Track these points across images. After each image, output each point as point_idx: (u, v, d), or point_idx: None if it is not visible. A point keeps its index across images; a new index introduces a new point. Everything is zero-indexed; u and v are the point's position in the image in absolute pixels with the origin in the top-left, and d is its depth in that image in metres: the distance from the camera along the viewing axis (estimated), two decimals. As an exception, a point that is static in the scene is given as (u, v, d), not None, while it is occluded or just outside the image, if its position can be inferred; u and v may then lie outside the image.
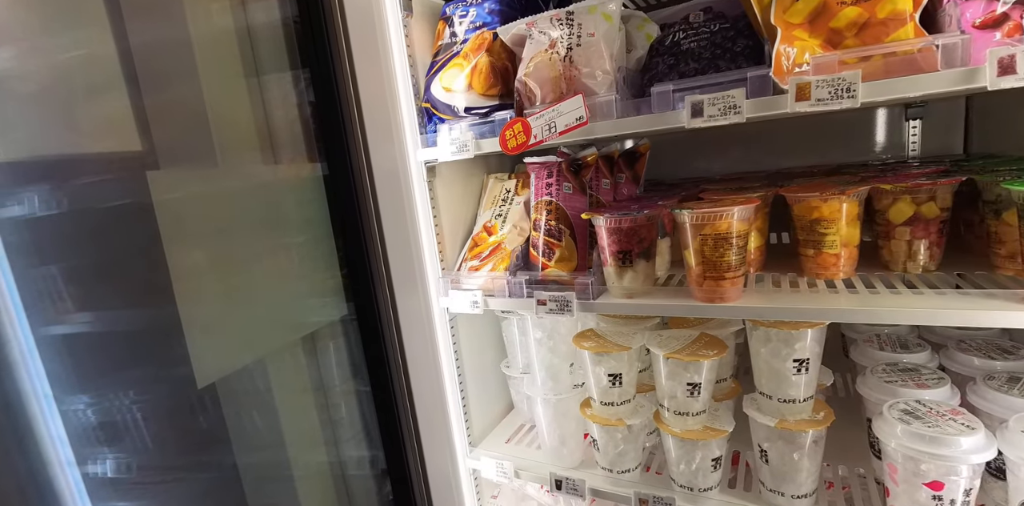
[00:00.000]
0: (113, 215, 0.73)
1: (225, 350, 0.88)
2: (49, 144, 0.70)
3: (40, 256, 0.68)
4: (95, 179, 0.73)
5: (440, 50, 1.18)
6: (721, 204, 0.89)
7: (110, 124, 0.76)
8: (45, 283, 0.69)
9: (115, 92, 0.78)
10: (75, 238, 0.71)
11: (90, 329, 0.72)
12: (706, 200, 1.02)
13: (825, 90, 0.73)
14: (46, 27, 0.75)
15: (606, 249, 1.01)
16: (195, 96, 0.88)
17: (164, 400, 0.78)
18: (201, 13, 0.94)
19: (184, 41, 0.90)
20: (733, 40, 0.95)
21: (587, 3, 0.97)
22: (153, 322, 0.77)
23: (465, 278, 1.18)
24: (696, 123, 0.82)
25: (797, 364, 0.93)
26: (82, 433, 0.78)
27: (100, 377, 0.74)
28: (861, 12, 0.77)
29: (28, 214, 0.69)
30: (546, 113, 0.94)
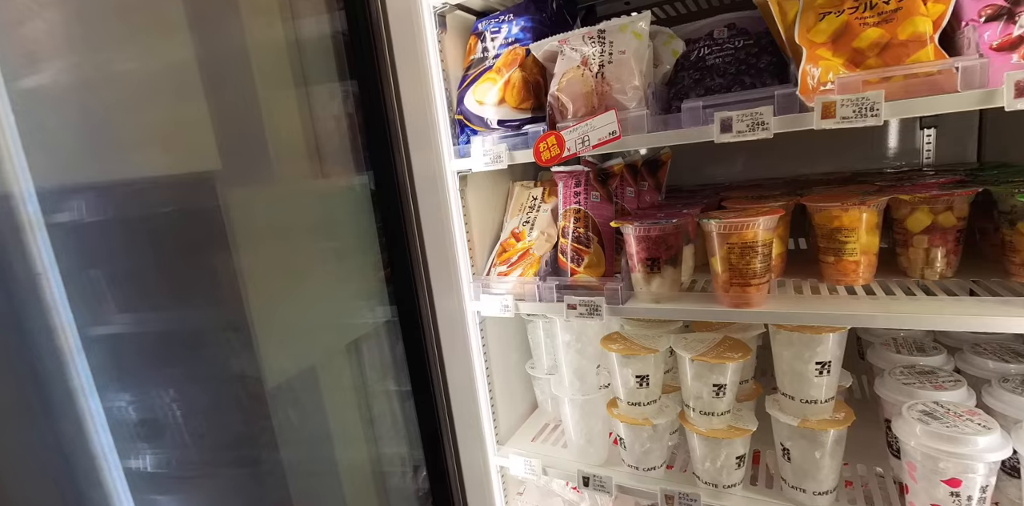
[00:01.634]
0: (186, 225, 0.79)
1: (290, 352, 0.93)
2: (127, 160, 0.75)
3: (124, 261, 0.73)
4: (167, 192, 0.78)
5: (472, 64, 1.23)
6: (746, 214, 0.94)
7: (186, 144, 0.81)
8: (127, 288, 0.74)
9: (184, 110, 0.83)
10: (151, 247, 0.77)
11: (166, 329, 0.77)
12: (730, 209, 1.06)
13: (849, 108, 0.77)
14: (120, 46, 0.80)
15: (634, 256, 1.06)
16: (254, 112, 0.93)
17: (235, 400, 0.83)
18: (259, 31, 1.00)
19: (244, 58, 0.96)
20: (757, 56, 0.99)
21: (618, 22, 1.02)
22: (227, 325, 0.82)
23: (495, 283, 1.23)
24: (725, 138, 0.87)
25: (820, 366, 0.97)
26: (130, 430, 0.83)
27: (186, 379, 0.79)
28: (883, 33, 0.82)
29: (110, 221, 0.75)
30: (579, 127, 0.99)
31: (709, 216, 0.96)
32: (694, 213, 1.10)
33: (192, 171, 0.82)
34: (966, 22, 0.79)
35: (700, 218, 0.97)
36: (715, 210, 1.23)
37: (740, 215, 0.93)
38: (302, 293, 1.02)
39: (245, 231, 0.85)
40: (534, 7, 1.16)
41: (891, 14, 0.81)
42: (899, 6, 0.81)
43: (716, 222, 0.93)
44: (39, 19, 0.73)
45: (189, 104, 0.83)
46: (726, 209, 1.09)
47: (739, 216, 0.92)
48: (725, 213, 0.99)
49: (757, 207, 1.02)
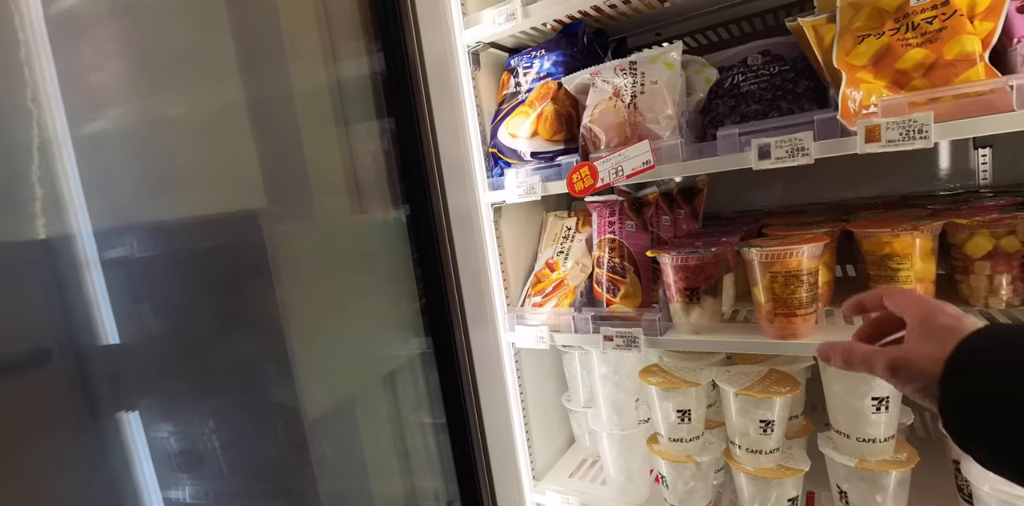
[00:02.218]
0: (231, 261, 0.82)
1: (327, 384, 0.94)
2: (176, 199, 0.79)
3: (166, 296, 0.76)
4: (213, 229, 0.81)
5: (505, 99, 1.26)
6: (789, 241, 0.90)
7: (233, 183, 0.85)
8: (174, 320, 0.77)
9: (231, 151, 0.88)
10: (197, 282, 0.80)
11: (210, 362, 0.79)
12: (771, 236, 1.03)
13: (896, 132, 0.75)
14: (173, 92, 0.86)
15: (672, 286, 1.03)
16: (297, 151, 0.97)
17: (273, 432, 0.84)
18: (303, 74, 1.05)
19: (288, 101, 1.01)
20: (794, 81, 0.98)
21: (649, 53, 1.03)
22: (267, 357, 0.84)
23: (530, 314, 1.22)
24: (763, 165, 0.85)
25: (876, 402, 0.91)
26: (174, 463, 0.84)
27: (220, 409, 0.81)
28: (928, 53, 0.79)
29: (158, 258, 0.78)
30: (612, 158, 0.99)
31: (750, 244, 0.93)
32: (733, 241, 1.07)
33: (238, 209, 0.85)
34: (1018, 39, 0.76)
35: (740, 246, 0.94)
36: (755, 238, 1.20)
37: (783, 243, 0.90)
38: (340, 325, 1.03)
39: (287, 265, 0.87)
40: (565, 42, 1.18)
41: (935, 34, 0.79)
42: (943, 26, 0.78)
43: (757, 250, 0.90)
44: (100, 70, 0.79)
45: (236, 145, 0.88)
46: (767, 236, 1.06)
47: (782, 244, 0.89)
48: (767, 241, 0.95)
49: (800, 234, 0.99)
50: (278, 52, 0.99)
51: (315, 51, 1.10)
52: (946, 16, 0.78)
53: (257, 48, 0.95)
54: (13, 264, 0.68)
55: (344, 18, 1.16)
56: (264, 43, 0.98)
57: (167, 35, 0.84)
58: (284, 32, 1.01)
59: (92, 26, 0.82)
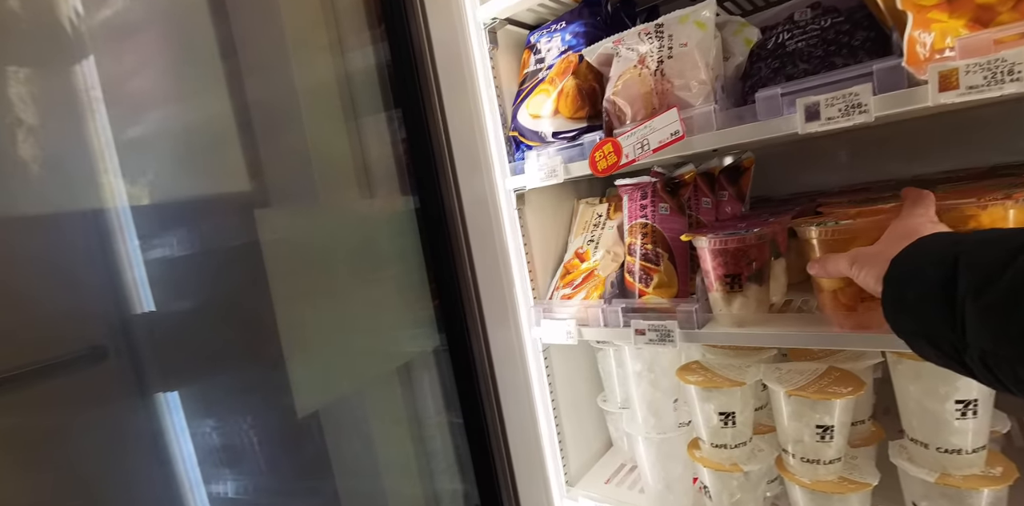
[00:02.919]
0: (223, 252, 0.79)
1: (325, 381, 0.89)
2: (174, 187, 0.76)
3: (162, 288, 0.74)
4: (211, 219, 0.78)
5: (526, 78, 1.18)
6: (851, 217, 0.78)
7: (228, 168, 0.82)
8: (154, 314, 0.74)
9: (235, 139, 0.85)
10: (203, 278, 0.77)
11: (198, 364, 0.76)
12: (827, 214, 0.90)
13: (979, 75, 0.61)
14: (169, 80, 0.84)
15: (711, 273, 0.92)
16: (300, 140, 0.94)
17: (265, 430, 0.80)
18: (307, 62, 1.02)
19: (291, 89, 0.97)
20: (850, 34, 0.85)
21: (678, 13, 0.92)
22: (258, 353, 0.80)
23: (558, 307, 1.13)
24: (812, 128, 0.73)
25: (961, 406, 0.77)
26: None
27: (211, 406, 0.78)
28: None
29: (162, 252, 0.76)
30: (637, 131, 0.89)
31: (809, 221, 0.81)
32: (783, 221, 0.95)
33: (242, 201, 0.82)
34: None
35: (798, 225, 0.82)
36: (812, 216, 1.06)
37: (851, 216, 0.77)
38: (340, 321, 0.98)
39: (280, 258, 0.83)
40: (588, 12, 1.09)
41: (1026, -41, 0.65)
42: (1037, -52, 0.64)
43: (818, 228, 0.78)
44: (138, 77, 0.78)
45: (242, 139, 0.85)
46: (823, 215, 0.92)
47: (850, 217, 0.77)
48: (824, 217, 0.83)
49: (864, 210, 0.85)
50: (279, 39, 0.96)
51: (317, 35, 1.06)
52: (1042, -67, 0.64)
53: (257, 36, 0.92)
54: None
55: (346, 3, 1.12)
56: (264, 30, 0.95)
57: (164, 22, 0.82)
58: (284, 17, 0.98)
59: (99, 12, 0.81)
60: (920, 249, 0.52)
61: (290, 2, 1.04)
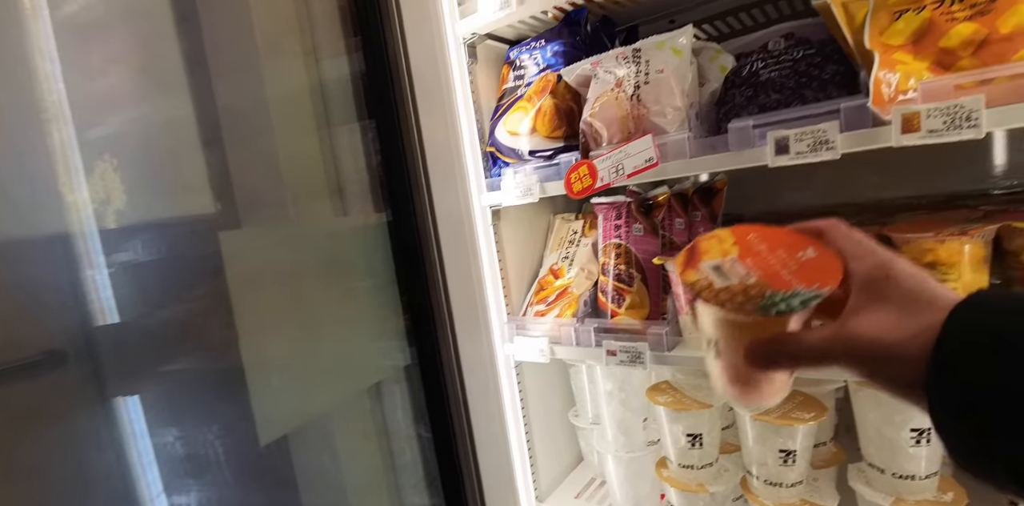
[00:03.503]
0: (186, 272, 0.76)
1: (291, 405, 0.87)
2: (135, 206, 0.74)
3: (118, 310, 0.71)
4: (172, 237, 0.76)
5: (505, 94, 1.18)
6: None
7: (191, 184, 0.80)
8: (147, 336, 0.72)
9: (198, 153, 0.82)
10: (149, 291, 0.74)
11: (158, 388, 0.74)
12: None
13: (939, 119, 0.63)
14: (132, 90, 0.81)
15: (681, 296, 0.93)
16: (271, 154, 0.92)
17: (227, 456, 0.78)
18: (278, 74, 1.00)
19: (262, 101, 0.95)
20: (821, 67, 0.86)
21: (655, 39, 0.93)
22: (220, 379, 0.78)
23: (531, 323, 1.13)
24: (781, 161, 0.74)
25: (916, 434, 0.79)
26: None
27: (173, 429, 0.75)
28: (978, 28, 0.67)
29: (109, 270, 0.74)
30: (613, 155, 0.90)
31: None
32: (752, 246, 0.96)
33: (203, 214, 0.80)
34: (1090, 9, 0.63)
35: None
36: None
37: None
38: (314, 341, 0.97)
39: (246, 278, 0.81)
40: (567, 31, 1.09)
41: (987, 5, 0.67)
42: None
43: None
44: (98, 86, 0.75)
45: (208, 149, 0.83)
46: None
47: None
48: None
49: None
50: (249, 46, 0.94)
51: (290, 44, 1.04)
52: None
53: (227, 42, 0.90)
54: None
55: (321, 10, 1.10)
56: (234, 37, 0.92)
57: (126, 27, 0.80)
58: (256, 24, 0.96)
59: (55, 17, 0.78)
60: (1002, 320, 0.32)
61: (262, 10, 1.02)
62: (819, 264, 0.42)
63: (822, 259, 0.42)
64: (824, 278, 0.41)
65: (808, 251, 0.43)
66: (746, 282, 0.41)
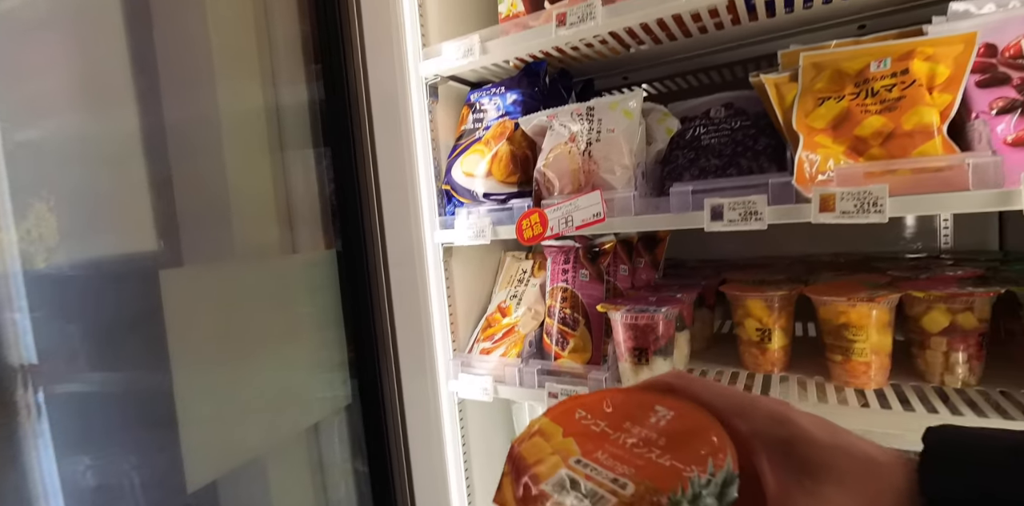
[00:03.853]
0: (122, 315, 0.73)
1: (224, 447, 0.84)
2: (70, 246, 0.71)
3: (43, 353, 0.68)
4: (109, 278, 0.73)
5: (463, 134, 1.21)
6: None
7: (132, 221, 0.77)
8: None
9: (141, 188, 0.80)
10: (80, 330, 0.71)
11: (77, 435, 0.70)
12: (729, 292, 0.99)
13: (850, 203, 0.71)
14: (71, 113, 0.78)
15: (622, 344, 0.97)
16: (219, 187, 0.90)
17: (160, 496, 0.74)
18: (231, 102, 0.98)
19: (213, 125, 0.94)
20: (755, 138, 0.94)
21: (608, 100, 0.99)
22: (149, 423, 0.75)
23: (476, 361, 1.15)
24: (716, 227, 0.80)
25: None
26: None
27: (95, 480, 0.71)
28: (886, 122, 0.76)
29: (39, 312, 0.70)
30: (563, 206, 0.94)
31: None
32: (689, 297, 1.02)
33: (144, 251, 0.77)
34: (976, 114, 0.73)
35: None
36: (715, 293, 1.16)
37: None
38: (252, 376, 0.94)
39: (184, 319, 0.79)
40: (527, 81, 1.14)
41: (894, 102, 0.76)
42: (902, 94, 0.76)
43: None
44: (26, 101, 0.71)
45: (131, 173, 0.80)
46: (725, 295, 1.01)
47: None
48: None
49: (755, 294, 0.94)
50: (202, 72, 0.93)
51: (247, 71, 1.03)
52: (905, 85, 0.75)
53: (175, 63, 0.88)
54: None
55: (285, 39, 1.11)
56: (185, 58, 0.91)
57: (68, 49, 0.77)
58: (213, 48, 0.95)
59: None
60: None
61: (220, 37, 1.01)
62: (687, 426, 0.32)
63: (684, 417, 0.33)
64: (711, 445, 0.31)
65: (659, 411, 0.33)
66: (623, 494, 0.28)
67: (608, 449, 0.32)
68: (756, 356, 0.98)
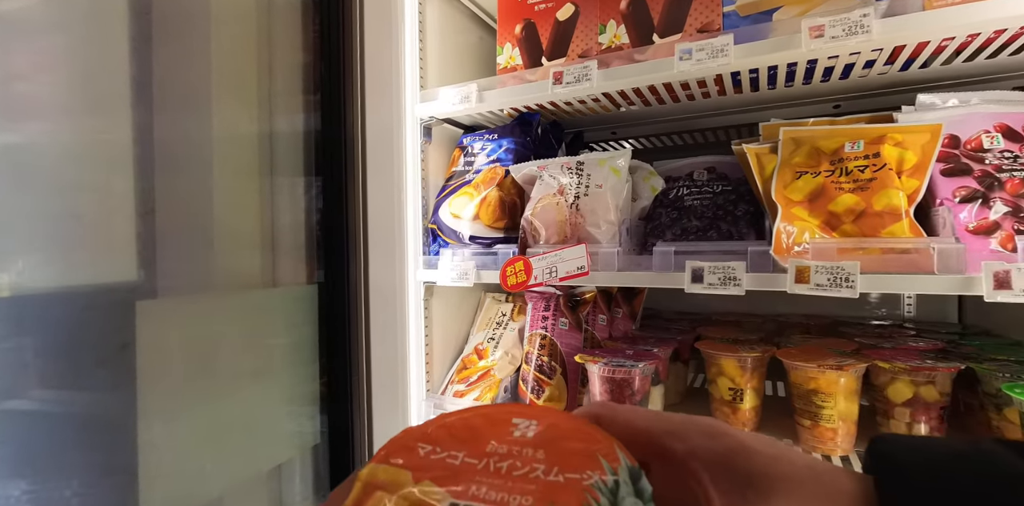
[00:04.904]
0: (94, 350, 0.71)
1: (185, 489, 0.80)
2: (37, 273, 0.68)
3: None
4: (81, 311, 0.70)
5: (453, 175, 1.23)
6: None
7: (110, 251, 0.75)
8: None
9: (124, 218, 0.79)
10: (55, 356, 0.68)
11: (35, 481, 0.66)
12: (703, 349, 1.00)
13: (824, 276, 0.74)
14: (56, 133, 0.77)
15: (597, 396, 0.97)
16: (203, 217, 0.89)
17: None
18: (224, 128, 0.98)
19: (205, 153, 0.93)
20: (735, 204, 0.98)
21: (597, 156, 1.02)
22: (110, 467, 0.71)
23: (449, 404, 1.13)
24: (696, 289, 0.83)
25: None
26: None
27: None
28: (858, 200, 0.80)
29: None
30: (549, 256, 0.95)
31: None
32: (665, 351, 1.04)
33: (117, 282, 0.75)
34: (940, 201, 0.78)
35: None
36: (690, 349, 1.17)
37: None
38: (217, 411, 0.91)
39: (156, 355, 0.76)
40: (519, 130, 1.17)
41: (866, 183, 0.81)
42: (874, 176, 0.80)
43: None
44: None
45: (109, 196, 0.78)
46: (700, 353, 1.03)
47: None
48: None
49: (728, 353, 0.96)
50: (198, 93, 0.93)
51: (244, 97, 1.04)
52: (876, 167, 0.80)
53: (172, 86, 0.88)
54: None
55: (286, 68, 1.12)
56: (183, 81, 0.91)
57: (62, 68, 0.76)
58: (213, 73, 0.95)
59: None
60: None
61: (223, 51, 1.01)
62: (557, 432, 0.28)
63: (548, 422, 0.29)
64: (592, 441, 0.28)
65: (519, 423, 0.29)
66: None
67: (483, 481, 0.25)
68: (728, 415, 0.99)
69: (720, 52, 0.83)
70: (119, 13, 0.83)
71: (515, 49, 1.16)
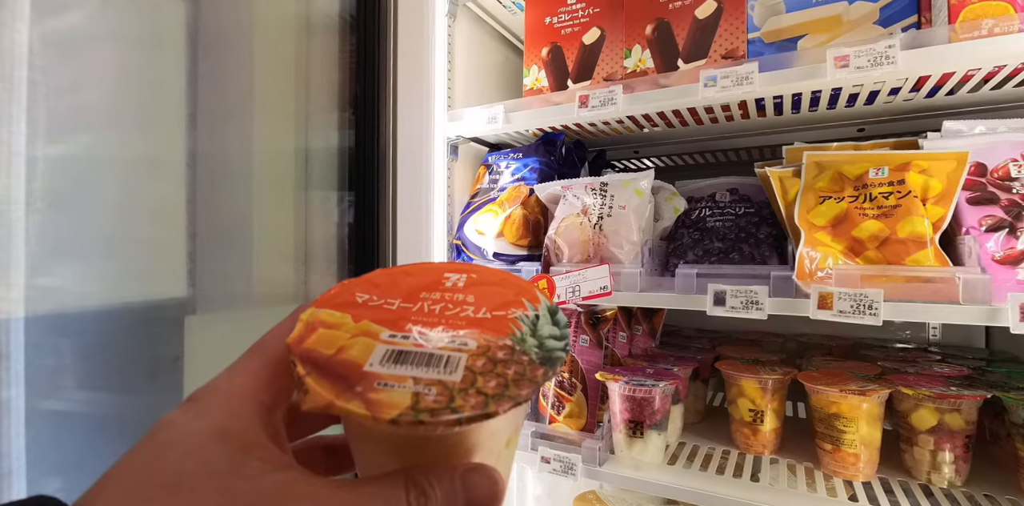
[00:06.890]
0: (148, 363, 0.74)
1: None
2: (90, 289, 0.72)
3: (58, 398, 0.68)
4: (134, 325, 0.74)
5: (478, 193, 1.25)
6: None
7: (160, 270, 0.79)
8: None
9: (176, 235, 0.82)
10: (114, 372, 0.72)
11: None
12: (723, 370, 1.01)
13: (847, 303, 0.74)
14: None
15: (618, 415, 0.98)
16: (245, 229, 0.93)
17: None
18: (263, 145, 1.02)
19: (245, 170, 0.97)
20: (757, 226, 0.99)
21: (621, 177, 1.04)
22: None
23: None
24: (718, 312, 0.84)
25: None
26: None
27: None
28: (882, 227, 0.81)
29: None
30: (572, 276, 0.97)
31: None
32: (685, 370, 1.05)
33: (159, 299, 0.78)
34: (966, 229, 0.78)
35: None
36: (710, 368, 1.18)
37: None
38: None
39: (203, 370, 0.80)
40: (543, 149, 1.20)
41: (891, 210, 0.81)
42: (898, 203, 0.81)
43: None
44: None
45: (158, 214, 0.82)
46: (720, 372, 1.03)
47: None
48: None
49: (749, 375, 0.97)
50: (241, 110, 0.97)
51: (284, 116, 1.08)
52: (901, 194, 0.81)
53: (214, 102, 0.92)
54: None
55: (323, 89, 1.16)
56: (225, 99, 0.95)
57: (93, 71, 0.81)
58: (256, 92, 1.00)
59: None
60: None
61: (264, 70, 1.05)
62: (486, 281, 0.31)
63: (479, 275, 0.32)
64: (518, 288, 0.30)
65: (451, 277, 0.31)
66: (468, 349, 0.26)
67: (418, 320, 0.28)
68: (748, 436, 0.99)
69: (745, 79, 0.85)
70: (175, 32, 0.88)
71: (541, 71, 1.19)
